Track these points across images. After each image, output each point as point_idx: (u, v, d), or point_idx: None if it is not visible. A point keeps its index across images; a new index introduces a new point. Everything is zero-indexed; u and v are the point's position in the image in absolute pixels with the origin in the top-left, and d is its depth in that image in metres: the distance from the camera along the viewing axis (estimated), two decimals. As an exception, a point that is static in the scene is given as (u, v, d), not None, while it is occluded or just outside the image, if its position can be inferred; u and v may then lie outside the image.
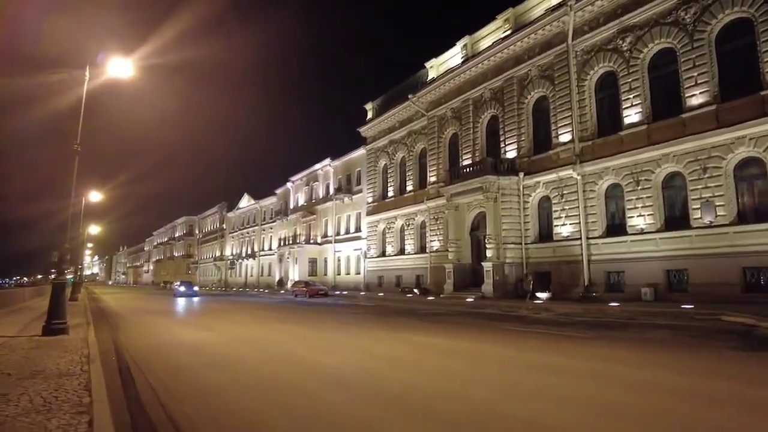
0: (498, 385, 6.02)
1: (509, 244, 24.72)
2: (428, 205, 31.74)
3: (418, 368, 7.18)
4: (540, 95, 25.41)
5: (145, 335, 12.29)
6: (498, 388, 5.88)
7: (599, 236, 21.82)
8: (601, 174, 21.86)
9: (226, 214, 76.48)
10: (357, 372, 6.96)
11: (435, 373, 6.86)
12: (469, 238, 27.66)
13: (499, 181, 24.97)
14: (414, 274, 33.24)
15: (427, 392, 5.65)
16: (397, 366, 7.39)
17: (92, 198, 30.79)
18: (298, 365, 7.59)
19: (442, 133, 31.66)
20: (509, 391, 5.69)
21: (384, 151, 38.37)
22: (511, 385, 6.00)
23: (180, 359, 8.37)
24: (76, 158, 11.94)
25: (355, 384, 6.14)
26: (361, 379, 6.44)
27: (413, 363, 7.65)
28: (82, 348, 8.93)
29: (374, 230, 38.54)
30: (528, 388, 5.82)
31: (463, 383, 6.11)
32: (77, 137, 11.98)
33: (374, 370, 7.03)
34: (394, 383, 6.16)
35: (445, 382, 6.16)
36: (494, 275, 24.01)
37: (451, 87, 30.88)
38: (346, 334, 11.80)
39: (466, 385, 6.01)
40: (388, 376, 6.65)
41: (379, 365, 7.46)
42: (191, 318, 17.82)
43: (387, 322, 14.78)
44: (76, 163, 11.93)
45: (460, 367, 7.27)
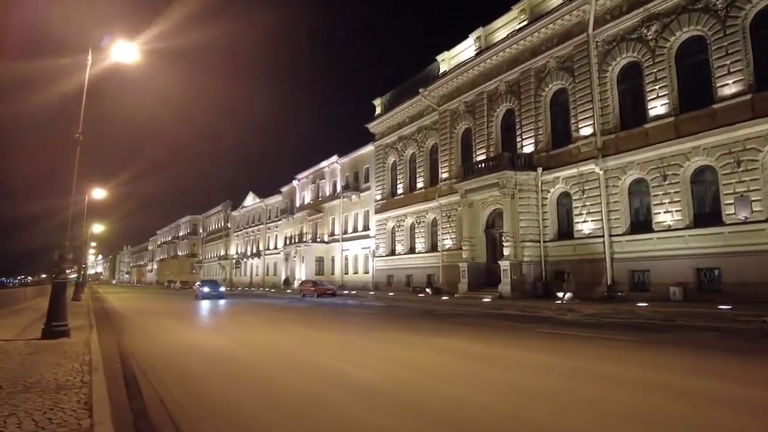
0: (552, 399, 5.15)
1: (527, 242, 23.83)
2: (440, 203, 30.85)
3: (458, 379, 6.32)
4: (558, 87, 24.50)
5: (152, 339, 11.47)
6: (553, 402, 5.00)
7: (623, 233, 20.91)
8: (624, 168, 20.95)
9: (231, 213, 75.74)
10: (393, 384, 6.10)
11: (478, 384, 6.01)
12: (483, 235, 26.78)
13: (516, 177, 24.08)
14: (425, 274, 32.37)
15: (475, 409, 4.80)
16: (432, 375, 6.53)
17: (96, 195, 30.04)
18: (323, 375, 6.74)
19: (455, 128, 30.77)
20: (567, 407, 4.82)
21: (393, 148, 37.49)
22: (567, 399, 5.14)
23: (191, 367, 7.54)
24: (77, 148, 11.13)
25: (395, 400, 5.28)
26: (401, 394, 5.58)
27: (450, 372, 6.78)
28: (83, 354, 8.11)
29: (383, 228, 37.68)
30: (589, 402, 4.95)
31: (514, 397, 5.26)
32: (79, 125, 11.17)
33: (410, 382, 6.17)
34: (436, 398, 5.31)
35: (494, 397, 5.30)
36: (512, 274, 23.13)
37: (463, 80, 29.99)
38: (367, 339, 10.94)
39: (519, 399, 5.15)
40: (427, 387, 5.80)
41: (414, 375, 6.60)
42: (198, 320, 17.01)
43: (407, 324, 13.93)
44: (77, 153, 11.12)
45: (502, 376, 6.41)
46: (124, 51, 11.81)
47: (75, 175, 10.92)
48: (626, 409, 4.75)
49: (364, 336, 11.36)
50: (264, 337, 11.47)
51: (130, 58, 11.96)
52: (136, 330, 13.28)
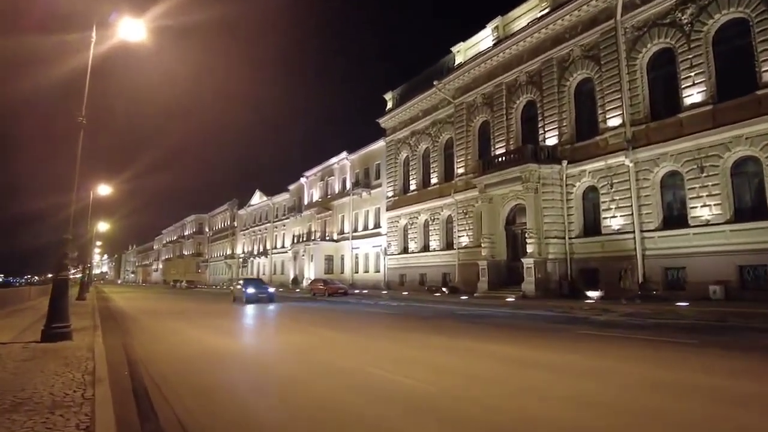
0: (648, 418, 4.09)
1: (551, 238, 22.72)
2: (456, 198, 29.78)
3: (521, 390, 5.29)
4: (583, 77, 23.39)
5: (162, 342, 10.48)
6: (654, 422, 3.95)
7: (655, 229, 19.79)
8: (656, 160, 19.82)
9: (237, 212, 74.90)
10: (450, 399, 5.06)
11: (545, 396, 5.00)
12: (504, 232, 25.69)
13: (540, 170, 22.97)
14: (440, 272, 31.31)
15: (557, 429, 3.77)
16: (490, 386, 5.51)
17: (101, 191, 29.13)
18: (368, 387, 5.70)
19: (471, 122, 29.68)
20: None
21: (405, 143, 36.43)
22: (672, 418, 4.08)
23: (210, 376, 6.54)
24: (81, 133, 10.15)
25: (459, 418, 4.24)
26: (463, 410, 4.58)
27: (508, 382, 5.75)
28: (86, 360, 7.12)
29: (395, 226, 36.64)
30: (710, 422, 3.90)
31: (596, 414, 4.23)
32: (82, 108, 10.19)
33: (469, 395, 5.14)
34: (504, 415, 4.29)
35: (574, 413, 4.25)
36: (536, 273, 22.04)
37: (481, 72, 28.90)
38: (399, 342, 9.89)
39: (606, 417, 4.11)
40: (490, 401, 4.78)
41: (470, 386, 5.54)
42: (207, 320, 16.02)
43: (436, 326, 12.90)
44: (80, 138, 10.14)
45: (568, 386, 5.40)
46: (130, 28, 10.84)
47: (78, 162, 9.94)
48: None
49: (395, 339, 10.31)
50: (285, 340, 10.46)
51: (137, 36, 10.99)
52: (144, 332, 12.30)
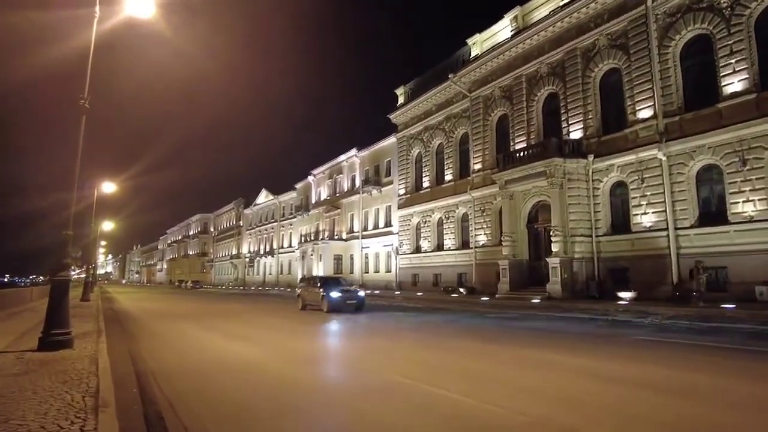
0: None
1: (577, 236, 21.59)
2: (472, 195, 28.67)
3: (641, 421, 4.19)
4: (610, 67, 22.23)
5: (173, 349, 9.45)
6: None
7: (690, 226, 18.64)
8: (692, 154, 18.66)
9: (243, 211, 73.96)
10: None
11: (667, 425, 3.91)
12: (525, 230, 24.54)
13: (565, 165, 21.85)
14: (455, 272, 30.20)
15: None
16: (593, 412, 4.41)
17: (105, 189, 28.16)
18: (438, 414, 4.61)
19: (489, 115, 28.57)
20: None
21: (418, 139, 35.33)
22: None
23: (233, 394, 5.49)
24: (83, 117, 9.12)
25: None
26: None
27: (611, 408, 4.66)
28: (88, 375, 6.08)
29: (407, 224, 35.55)
30: None
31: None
32: (85, 91, 9.16)
33: (574, 426, 4.06)
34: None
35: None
36: (562, 273, 20.91)
37: (499, 64, 27.78)
38: (449, 352, 8.81)
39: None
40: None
41: (571, 414, 4.47)
42: (218, 323, 14.99)
43: (477, 332, 11.82)
44: (82, 123, 9.11)
45: (689, 413, 4.28)
46: (138, 3, 9.84)
47: (80, 150, 8.90)
48: None
49: (443, 348, 9.22)
50: (310, 347, 9.40)
51: (145, 12, 9.99)
52: (153, 337, 11.27)
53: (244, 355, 8.53)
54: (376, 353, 8.57)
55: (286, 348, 9.30)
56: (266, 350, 8.99)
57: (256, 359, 7.99)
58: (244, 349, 9.21)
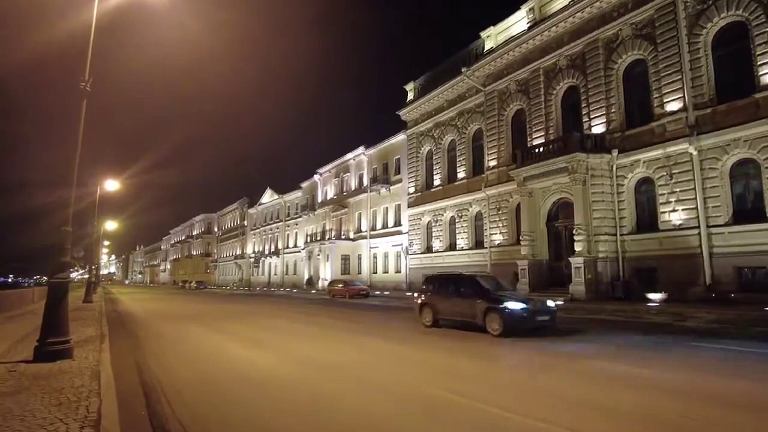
0: None
1: (601, 235, 20.63)
2: (487, 193, 27.73)
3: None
4: (635, 58, 21.26)
5: (182, 356, 8.56)
6: None
7: (724, 224, 17.65)
8: (726, 147, 17.68)
9: (247, 210, 73.14)
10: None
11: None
12: (545, 229, 23.58)
13: (588, 160, 20.89)
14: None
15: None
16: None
17: (108, 187, 27.32)
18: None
19: (504, 110, 27.61)
20: None
21: (428, 136, 34.38)
22: None
23: (258, 414, 4.58)
24: (83, 102, 8.24)
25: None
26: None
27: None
28: (88, 394, 5.18)
29: (417, 223, 34.62)
30: None
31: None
32: (85, 73, 8.28)
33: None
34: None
35: None
36: (585, 273, 19.96)
37: (515, 57, 26.83)
38: (488, 360, 7.89)
39: None
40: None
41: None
42: (228, 325, 14.10)
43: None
44: (83, 107, 8.23)
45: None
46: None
47: (80, 136, 8.02)
48: None
49: (484, 357, 8.31)
50: (336, 356, 8.47)
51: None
52: (160, 342, 10.38)
53: (262, 364, 7.62)
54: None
55: (303, 355, 8.40)
56: (283, 358, 8.08)
57: (279, 370, 7.08)
58: (261, 357, 8.30)
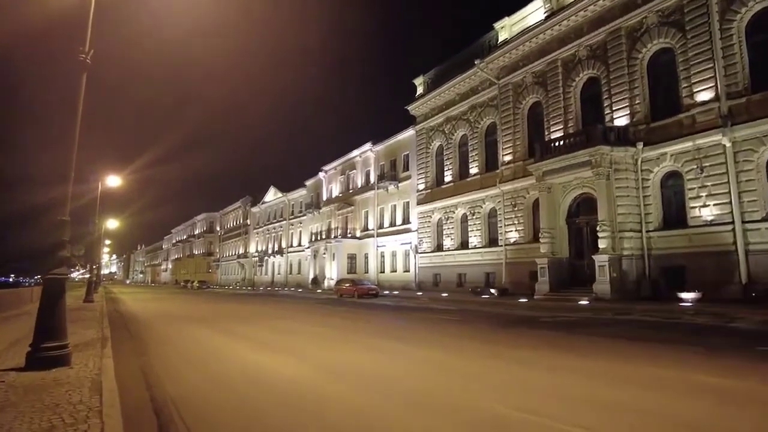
0: None
1: (625, 232, 19.70)
2: (502, 189, 26.79)
3: None
4: (661, 47, 20.33)
5: (193, 363, 7.63)
6: None
7: (761, 219, 16.72)
8: (763, 139, 16.75)
9: (250, 209, 72.23)
10: None
11: None
12: (565, 226, 22.63)
13: (612, 154, 19.96)
14: (482, 272, 28.32)
15: None
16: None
17: (110, 183, 26.40)
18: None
19: (519, 103, 26.68)
20: None
21: (439, 131, 33.45)
22: None
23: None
24: (83, 75, 7.31)
25: None
26: None
27: None
28: (87, 412, 4.25)
29: (427, 221, 33.68)
30: None
31: None
32: (85, 44, 7.36)
33: None
34: None
35: None
36: (611, 271, 19.02)
37: (531, 48, 25.89)
38: (555, 372, 6.94)
39: None
40: None
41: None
42: (238, 327, 13.17)
43: (554, 340, 9.94)
44: (83, 82, 7.30)
45: None
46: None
47: (80, 113, 7.09)
48: None
49: (552, 368, 7.36)
50: (366, 364, 7.51)
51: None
52: (166, 346, 9.46)
53: (287, 374, 6.68)
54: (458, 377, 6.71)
55: (331, 362, 7.46)
56: (308, 366, 7.15)
57: (309, 382, 6.15)
58: (283, 365, 7.37)
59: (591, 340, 9.65)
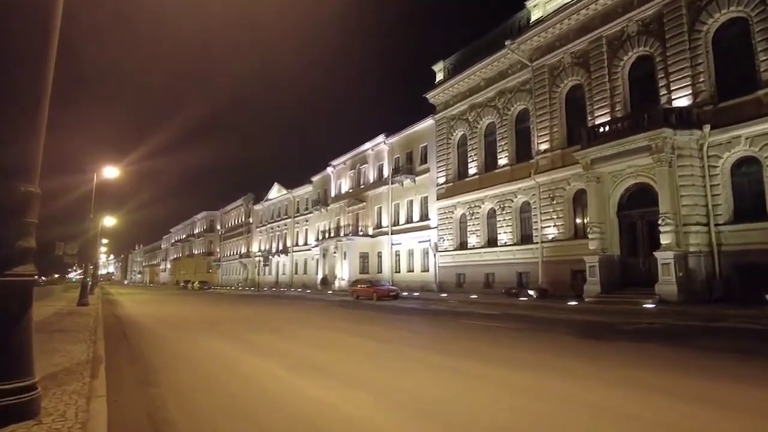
0: None
1: (691, 225, 17.41)
2: (537, 181, 24.45)
3: None
4: (729, 18, 18.01)
5: (219, 396, 5.25)
6: None
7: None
8: None
9: (253, 207, 69.79)
10: None
11: None
12: (616, 220, 20.32)
13: (675, 138, 17.66)
14: (513, 272, 25.98)
15: None
16: None
17: (108, 174, 24.00)
18: None
19: (557, 87, 24.33)
20: None
21: (461, 119, 31.09)
22: None
23: None
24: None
25: None
26: None
27: None
28: None
29: (448, 217, 31.34)
30: None
31: None
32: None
33: None
34: None
35: None
36: (676, 270, 16.72)
37: (569, 26, 23.56)
38: (744, 413, 4.59)
39: None
40: None
41: None
42: (260, 338, 10.85)
43: (669, 357, 7.62)
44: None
45: None
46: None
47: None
48: None
49: (697, 398, 5.01)
50: (449, 396, 5.14)
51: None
52: (182, 370, 7.08)
53: (361, 418, 4.32)
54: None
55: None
56: (386, 404, 4.79)
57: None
58: (347, 400, 5.01)
59: (716, 357, 7.38)
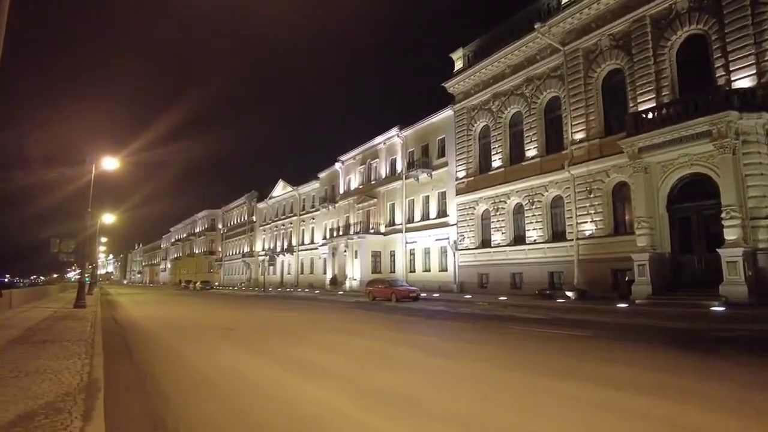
0: None
1: (760, 219, 15.62)
2: (572, 173, 22.61)
3: None
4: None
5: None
6: None
7: None
8: None
9: (257, 205, 67.90)
10: None
11: None
12: (665, 214, 18.50)
13: (741, 122, 15.86)
14: (544, 271, 24.15)
15: None
16: None
17: (107, 165, 22.24)
18: None
19: (593, 72, 22.48)
20: None
21: (484, 109, 29.26)
22: None
23: None
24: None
25: None
26: None
27: None
28: None
29: (469, 214, 29.51)
30: None
31: None
32: None
33: None
34: None
35: None
36: (745, 269, 14.91)
37: (608, 5, 21.74)
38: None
39: None
40: None
41: None
42: (293, 351, 9.07)
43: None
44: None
45: None
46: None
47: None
48: None
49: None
50: None
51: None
52: (201, 394, 5.24)
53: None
54: None
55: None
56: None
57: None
58: None
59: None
